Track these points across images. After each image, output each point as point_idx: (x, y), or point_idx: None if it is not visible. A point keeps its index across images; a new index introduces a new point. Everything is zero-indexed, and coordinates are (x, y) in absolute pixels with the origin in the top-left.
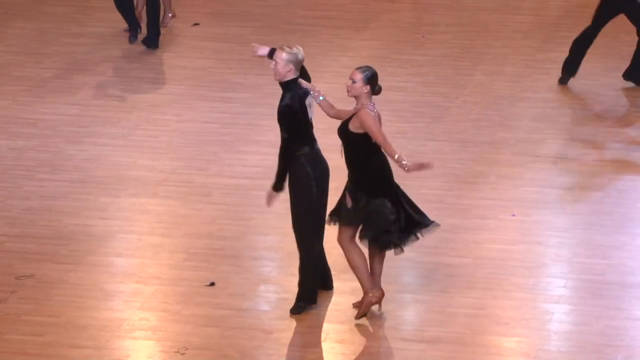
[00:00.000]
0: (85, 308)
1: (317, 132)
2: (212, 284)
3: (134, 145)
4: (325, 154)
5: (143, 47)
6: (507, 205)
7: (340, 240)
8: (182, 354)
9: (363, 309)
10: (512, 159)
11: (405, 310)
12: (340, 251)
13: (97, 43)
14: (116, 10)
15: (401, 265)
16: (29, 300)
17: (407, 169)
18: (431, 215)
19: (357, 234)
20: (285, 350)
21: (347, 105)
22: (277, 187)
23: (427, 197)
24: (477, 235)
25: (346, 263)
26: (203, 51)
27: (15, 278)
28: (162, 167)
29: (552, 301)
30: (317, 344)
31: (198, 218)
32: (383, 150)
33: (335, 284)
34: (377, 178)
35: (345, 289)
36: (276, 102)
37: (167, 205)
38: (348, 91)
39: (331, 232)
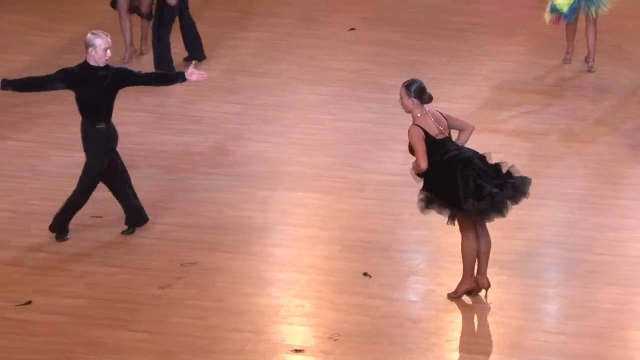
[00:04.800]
0: (246, 294)
1: None
2: (367, 274)
3: (291, 143)
4: None
5: (303, 50)
6: None
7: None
8: (334, 340)
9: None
10: None
11: (547, 303)
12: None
13: (259, 47)
14: (276, 16)
15: (545, 261)
16: (193, 285)
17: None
18: (574, 214)
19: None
20: (432, 339)
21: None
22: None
23: (571, 197)
24: (618, 233)
25: (495, 259)
26: (358, 54)
27: (181, 265)
28: (318, 163)
29: None
30: (462, 334)
31: (351, 212)
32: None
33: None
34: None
35: (491, 283)
36: (430, 104)
37: (322, 199)
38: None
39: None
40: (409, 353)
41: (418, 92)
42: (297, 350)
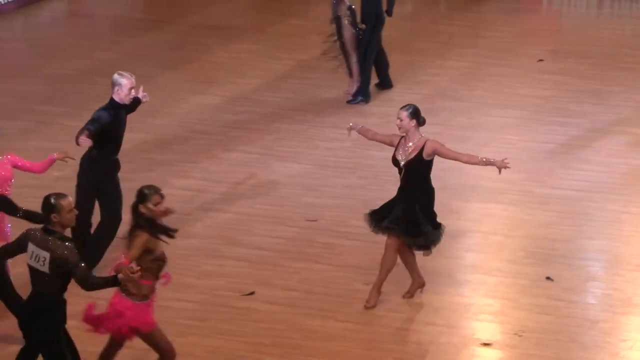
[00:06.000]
0: (440, 292)
1: None
2: (550, 278)
3: None
4: None
5: (495, 78)
6: None
7: (395, 247)
8: (519, 336)
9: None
10: None
11: None
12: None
13: (457, 74)
14: (472, 47)
15: None
16: (392, 283)
17: (494, 163)
18: None
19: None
20: (607, 338)
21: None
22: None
23: None
24: None
25: None
26: (545, 82)
27: None
28: (506, 178)
29: None
30: (636, 335)
31: (535, 222)
32: (467, 161)
33: None
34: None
35: None
36: (610, 129)
37: (509, 210)
38: (399, 128)
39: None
40: (586, 350)
41: (416, 115)
42: (485, 344)
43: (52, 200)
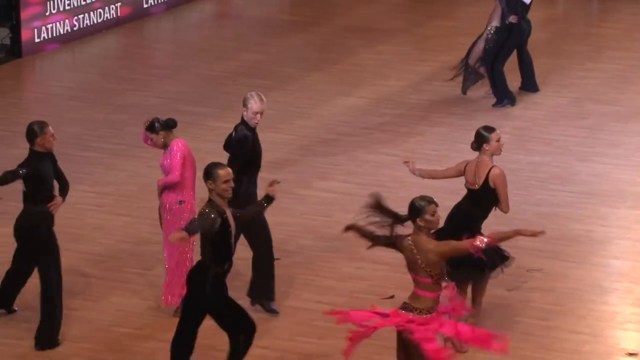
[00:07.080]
0: (584, 300)
1: None
2: None
3: (634, 165)
4: None
5: None
6: None
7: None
8: None
9: None
10: None
11: None
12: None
13: (607, 77)
14: (625, 50)
15: None
16: (536, 290)
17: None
18: None
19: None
20: None
21: None
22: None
23: None
24: None
25: None
26: None
27: (527, 271)
28: None
29: None
30: None
31: None
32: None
33: None
34: None
35: None
36: None
37: None
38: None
39: None
40: None
41: None
42: (631, 354)
43: (210, 169)
